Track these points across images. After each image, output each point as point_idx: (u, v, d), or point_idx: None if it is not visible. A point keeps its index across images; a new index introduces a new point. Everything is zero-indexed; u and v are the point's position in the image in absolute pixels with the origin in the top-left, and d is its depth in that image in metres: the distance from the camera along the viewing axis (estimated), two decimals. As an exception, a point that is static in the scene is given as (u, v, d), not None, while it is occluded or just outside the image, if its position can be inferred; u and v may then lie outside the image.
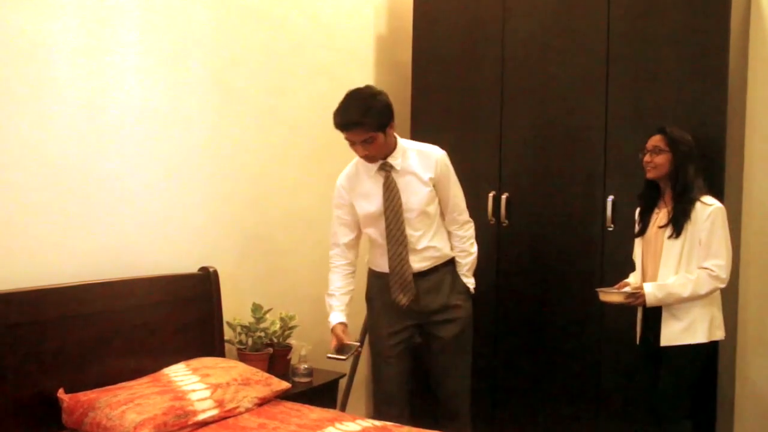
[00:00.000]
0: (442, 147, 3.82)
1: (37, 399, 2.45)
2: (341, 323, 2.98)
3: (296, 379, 3.27)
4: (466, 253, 3.07)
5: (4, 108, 2.48)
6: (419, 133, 3.93)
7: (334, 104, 3.89)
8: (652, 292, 2.85)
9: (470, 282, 3.09)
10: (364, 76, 4.11)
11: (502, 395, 3.74)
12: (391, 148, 2.91)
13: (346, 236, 3.06)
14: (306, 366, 3.32)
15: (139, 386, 2.58)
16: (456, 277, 3.06)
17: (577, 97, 3.51)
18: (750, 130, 3.59)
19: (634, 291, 2.91)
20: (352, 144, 2.85)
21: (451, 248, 3.06)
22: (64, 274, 2.64)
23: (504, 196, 3.67)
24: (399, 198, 2.89)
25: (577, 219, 3.52)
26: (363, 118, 2.76)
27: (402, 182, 2.91)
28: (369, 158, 2.89)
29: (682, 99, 3.26)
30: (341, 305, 3.02)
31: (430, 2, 3.93)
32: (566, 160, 3.54)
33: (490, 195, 3.70)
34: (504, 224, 3.67)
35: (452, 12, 3.84)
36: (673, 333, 2.85)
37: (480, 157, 3.76)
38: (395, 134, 2.96)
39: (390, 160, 2.91)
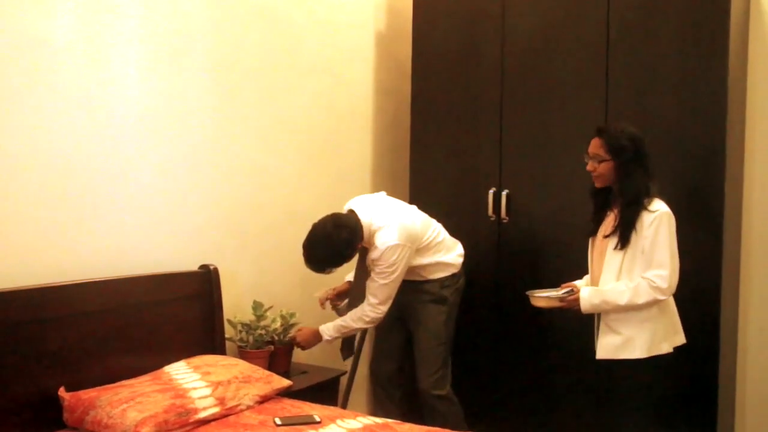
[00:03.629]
0: (442, 144, 3.86)
1: (38, 397, 2.46)
2: (348, 281, 3.41)
3: (339, 312, 3.36)
4: (355, 318, 3.22)
5: (4, 107, 2.48)
6: (419, 130, 3.94)
7: (335, 102, 3.92)
8: (587, 297, 2.72)
9: (330, 330, 3.25)
10: (363, 74, 4.12)
11: (502, 393, 3.74)
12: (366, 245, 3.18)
13: None
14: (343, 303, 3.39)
15: (140, 384, 2.59)
16: (437, 289, 3.33)
17: (576, 94, 3.50)
18: (750, 130, 3.59)
19: (565, 295, 2.80)
20: None
21: (450, 271, 3.35)
22: (65, 272, 2.64)
23: (504, 193, 3.67)
24: (367, 267, 3.21)
25: (578, 216, 3.50)
26: (325, 270, 3.11)
27: (371, 255, 3.19)
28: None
29: (682, 99, 3.26)
30: None
31: (429, -1, 3.93)
32: (566, 157, 3.53)
33: (491, 192, 3.70)
34: (504, 221, 3.68)
35: (452, 9, 3.84)
36: (610, 347, 2.73)
37: (480, 154, 3.76)
38: (358, 217, 3.15)
39: (364, 244, 3.17)
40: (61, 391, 2.48)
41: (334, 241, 3.02)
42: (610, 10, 3.40)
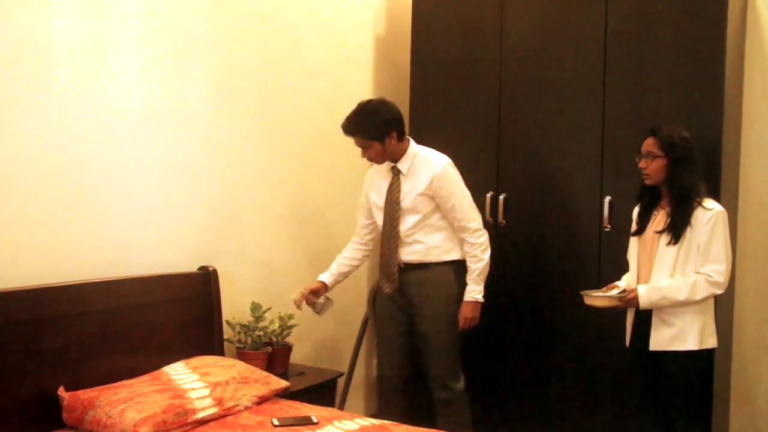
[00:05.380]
0: (441, 148, 3.83)
1: (38, 397, 2.47)
2: (320, 281, 3.38)
3: (318, 311, 3.33)
4: (477, 259, 3.25)
5: (4, 107, 2.49)
6: (417, 133, 3.94)
7: (333, 105, 3.93)
8: (645, 294, 2.78)
9: (475, 289, 3.25)
10: (363, 77, 4.13)
11: (500, 394, 3.75)
12: (400, 152, 3.24)
13: (362, 219, 3.45)
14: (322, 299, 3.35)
15: (139, 384, 2.60)
16: (449, 276, 3.26)
17: (574, 99, 3.52)
18: (746, 132, 3.60)
19: (622, 294, 2.85)
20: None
21: (464, 254, 3.28)
22: (65, 272, 2.65)
23: (502, 197, 3.68)
24: (398, 198, 3.24)
25: (575, 220, 3.54)
26: (356, 128, 3.17)
27: (406, 184, 3.24)
28: (371, 160, 3.27)
29: (679, 101, 3.28)
30: (335, 270, 3.42)
31: (428, 4, 3.94)
32: (564, 161, 3.56)
33: (488, 195, 3.71)
34: (502, 224, 3.69)
35: (451, 13, 3.85)
36: (663, 338, 2.80)
37: (478, 158, 3.77)
38: (409, 139, 3.29)
39: (399, 165, 3.24)
40: (61, 391, 2.49)
41: (368, 106, 3.19)
42: (607, 15, 3.42)
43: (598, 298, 2.92)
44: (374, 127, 3.14)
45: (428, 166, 3.21)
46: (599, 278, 3.34)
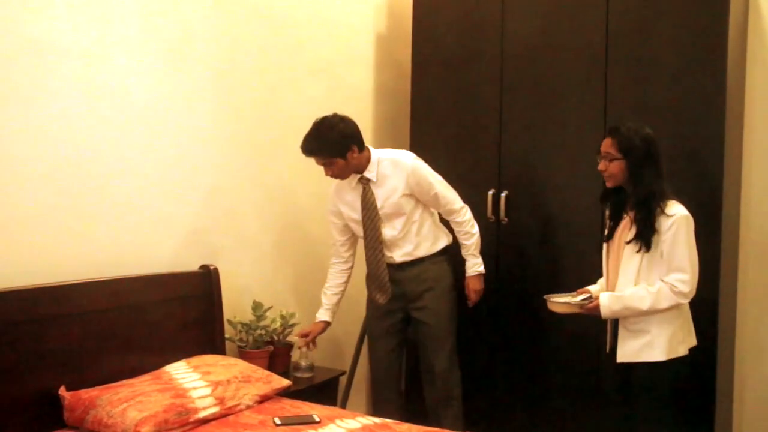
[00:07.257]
0: (442, 145, 3.87)
1: (39, 397, 2.46)
2: (322, 321, 3.37)
3: (297, 375, 3.29)
4: (469, 235, 3.34)
5: (4, 107, 2.48)
6: (419, 131, 3.95)
7: (334, 103, 3.92)
8: (607, 304, 2.67)
9: (476, 263, 3.35)
10: (363, 75, 4.13)
11: (502, 393, 3.74)
12: (363, 164, 3.21)
13: (339, 237, 3.40)
14: (306, 362, 3.34)
15: (140, 384, 2.59)
16: (444, 268, 3.32)
17: (576, 96, 3.51)
18: (748, 129, 3.59)
19: (584, 302, 2.77)
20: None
21: (449, 239, 3.36)
22: (65, 272, 2.65)
23: (503, 194, 3.67)
24: (375, 206, 3.22)
25: (577, 217, 3.53)
26: (315, 148, 3.12)
27: (380, 191, 3.22)
28: (335, 177, 3.21)
29: (681, 97, 3.27)
30: (328, 304, 3.40)
31: (429, 1, 3.93)
32: (565, 158, 3.55)
33: (490, 193, 3.70)
34: (503, 222, 3.68)
35: (452, 11, 3.85)
36: (631, 350, 2.69)
37: (479, 155, 3.77)
38: (369, 147, 3.25)
39: (366, 174, 3.22)
40: (62, 391, 2.49)
41: (324, 124, 3.12)
42: (609, 12, 3.41)
43: (558, 304, 2.83)
44: (334, 144, 3.09)
45: (397, 167, 3.20)
46: (601, 275, 3.33)
